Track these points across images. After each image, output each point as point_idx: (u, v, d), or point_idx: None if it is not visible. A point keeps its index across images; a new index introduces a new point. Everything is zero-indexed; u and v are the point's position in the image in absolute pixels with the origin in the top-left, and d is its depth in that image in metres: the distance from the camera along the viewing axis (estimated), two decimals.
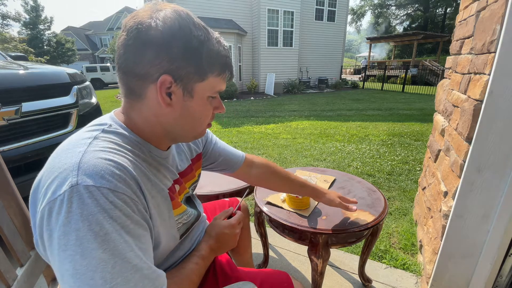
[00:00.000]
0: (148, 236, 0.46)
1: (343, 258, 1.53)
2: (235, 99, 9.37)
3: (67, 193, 0.38)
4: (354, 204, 0.97)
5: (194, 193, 0.78)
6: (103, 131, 0.48)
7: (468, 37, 1.18)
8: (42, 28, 22.80)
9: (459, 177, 1.00)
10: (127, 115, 0.52)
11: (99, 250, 0.37)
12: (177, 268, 0.58)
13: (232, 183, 1.31)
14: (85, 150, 0.42)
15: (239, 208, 0.84)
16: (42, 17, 22.68)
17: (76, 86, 1.83)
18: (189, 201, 0.71)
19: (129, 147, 0.49)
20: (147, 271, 0.42)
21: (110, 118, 0.52)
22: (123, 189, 0.42)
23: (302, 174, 1.38)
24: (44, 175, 0.42)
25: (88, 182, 0.39)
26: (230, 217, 0.74)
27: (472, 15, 1.13)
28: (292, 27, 11.28)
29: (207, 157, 0.81)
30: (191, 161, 0.71)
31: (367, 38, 20.04)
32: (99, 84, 16.57)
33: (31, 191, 0.44)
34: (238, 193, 1.26)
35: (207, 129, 0.65)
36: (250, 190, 1.32)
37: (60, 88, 1.73)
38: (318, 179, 1.30)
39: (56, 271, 0.39)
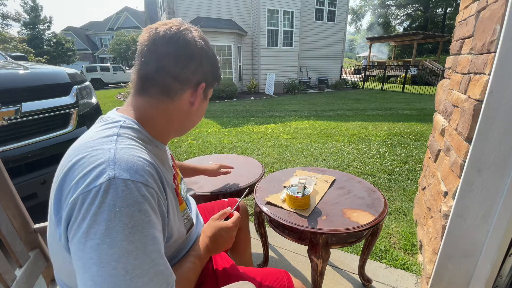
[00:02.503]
0: (161, 232, 0.48)
1: (343, 258, 1.53)
2: (235, 99, 9.37)
3: (104, 185, 0.40)
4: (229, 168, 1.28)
5: (188, 194, 0.81)
6: (121, 127, 0.51)
7: (468, 37, 1.18)
8: (42, 28, 22.77)
9: (459, 177, 1.00)
10: (141, 112, 0.56)
11: (125, 241, 0.39)
12: (175, 268, 0.58)
13: (232, 183, 1.31)
14: (115, 147, 0.45)
15: (237, 209, 0.84)
16: (42, 17, 22.66)
17: (76, 86, 1.82)
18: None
19: (144, 143, 0.53)
20: (163, 267, 0.44)
21: (118, 115, 0.55)
22: (152, 184, 0.46)
23: (302, 174, 1.37)
24: (70, 171, 0.44)
25: (125, 176, 0.42)
26: (227, 218, 0.74)
27: (472, 15, 1.13)
28: (292, 27, 11.28)
29: None
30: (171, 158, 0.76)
31: (367, 38, 20.01)
32: (99, 84, 16.53)
33: (56, 186, 0.45)
34: (238, 193, 1.26)
35: None
36: (249, 191, 1.32)
37: (60, 88, 1.72)
38: (318, 179, 1.30)
39: (77, 261, 0.40)
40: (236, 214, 0.74)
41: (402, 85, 11.94)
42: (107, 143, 0.46)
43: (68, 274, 0.51)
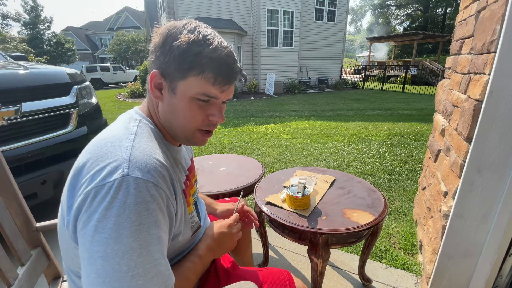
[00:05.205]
0: (167, 233, 0.49)
1: (343, 258, 1.53)
2: (235, 99, 9.37)
3: (118, 181, 0.42)
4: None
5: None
6: (139, 126, 0.53)
7: (468, 37, 1.18)
8: (42, 28, 22.77)
9: (459, 177, 1.00)
10: (148, 109, 0.59)
11: (131, 238, 0.40)
12: (175, 267, 0.59)
13: (232, 183, 1.31)
14: (132, 145, 0.47)
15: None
16: (42, 17, 22.65)
17: (76, 86, 1.82)
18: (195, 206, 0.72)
19: (157, 143, 0.54)
20: (163, 268, 0.44)
21: (137, 113, 0.58)
22: (162, 185, 0.47)
23: (302, 174, 1.38)
24: (88, 162, 0.45)
25: (137, 175, 0.43)
26: None
27: (472, 15, 1.13)
28: (292, 27, 11.27)
29: None
30: (191, 161, 0.74)
31: (367, 38, 20.01)
32: (99, 84, 16.52)
33: (70, 176, 0.47)
34: (238, 193, 1.26)
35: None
36: (247, 191, 1.32)
37: (60, 88, 1.72)
38: (318, 179, 1.30)
39: (83, 252, 0.41)
40: (235, 214, 0.76)
41: (402, 85, 11.94)
42: (125, 140, 0.48)
43: (75, 263, 0.52)
